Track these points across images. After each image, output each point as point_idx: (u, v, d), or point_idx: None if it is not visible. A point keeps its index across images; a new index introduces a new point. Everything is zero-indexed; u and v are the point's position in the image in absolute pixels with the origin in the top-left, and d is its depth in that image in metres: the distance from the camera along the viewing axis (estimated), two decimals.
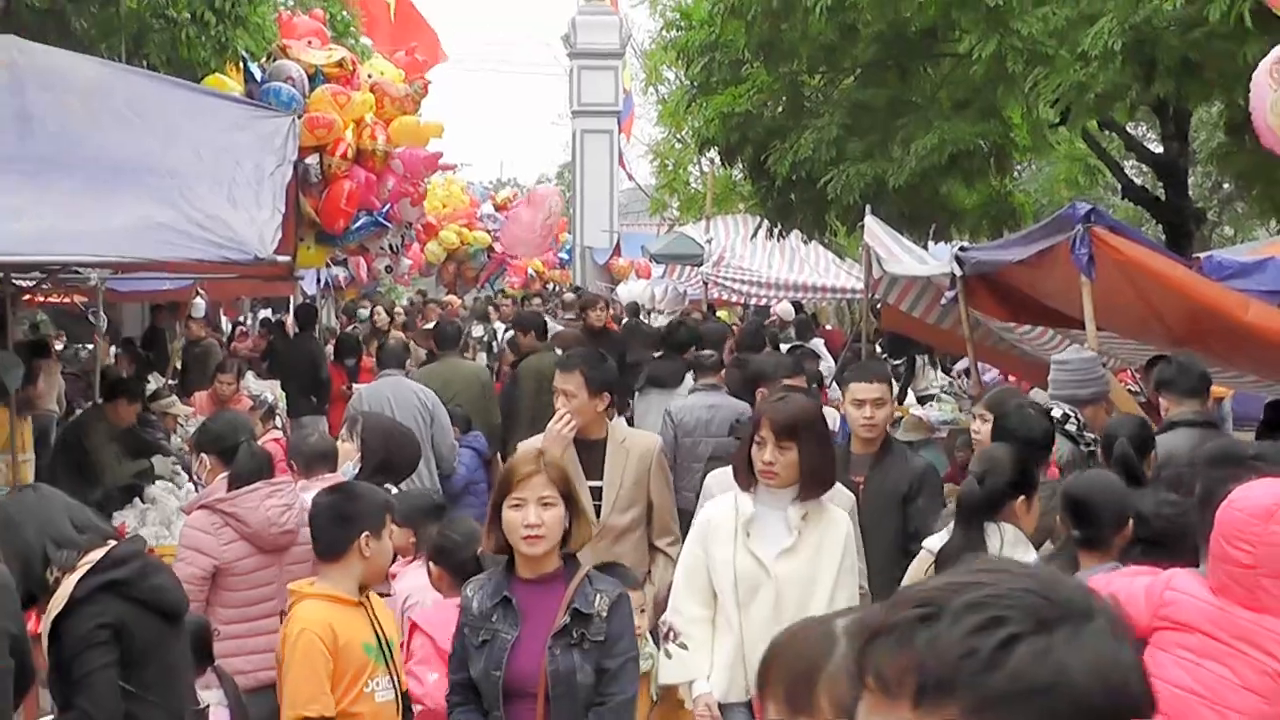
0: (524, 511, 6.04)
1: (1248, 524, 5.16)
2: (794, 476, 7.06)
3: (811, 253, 26.73)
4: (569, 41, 54.69)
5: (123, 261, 10.57)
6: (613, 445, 8.64)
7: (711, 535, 7.22)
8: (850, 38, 18.87)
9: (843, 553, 7.14)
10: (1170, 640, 5.38)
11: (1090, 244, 9.64)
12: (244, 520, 8.47)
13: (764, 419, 7.14)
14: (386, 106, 17.11)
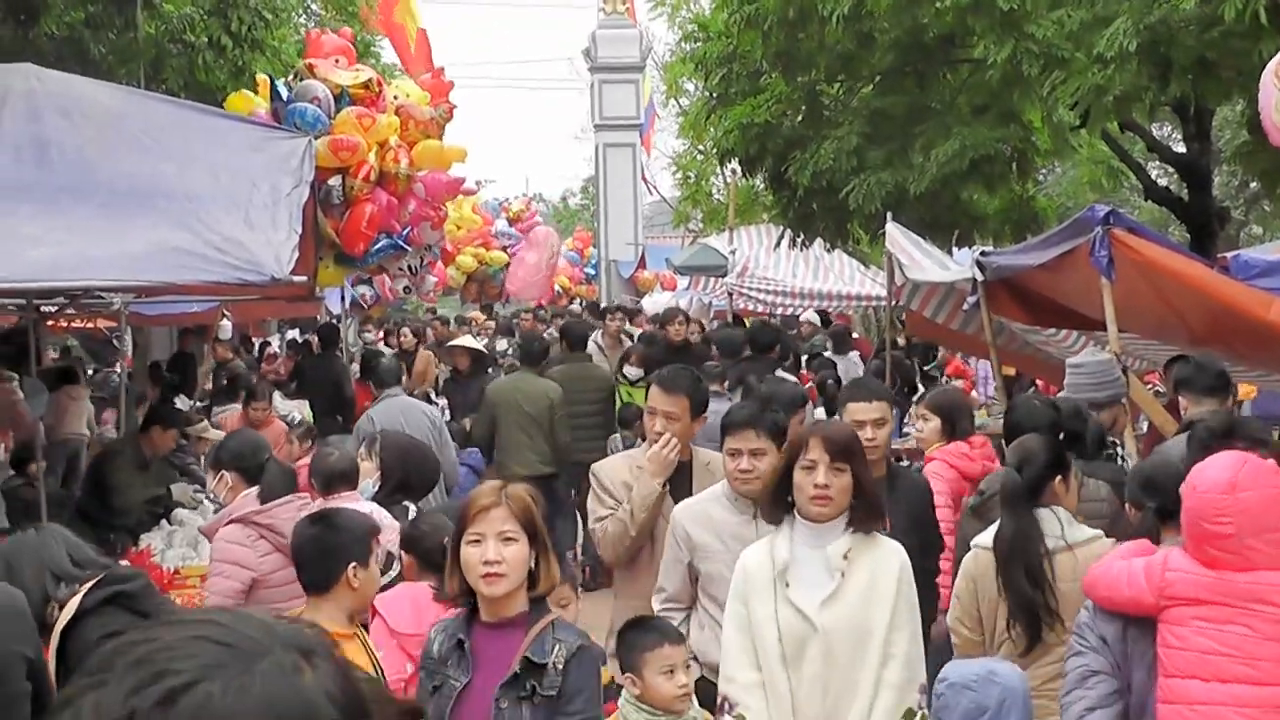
0: (482, 548, 5.62)
1: (1218, 501, 5.61)
2: (845, 504, 6.35)
3: (835, 261, 26.67)
4: (590, 56, 54.67)
5: (141, 286, 10.61)
6: (698, 468, 8.26)
7: (749, 588, 6.46)
8: (867, 46, 18.87)
9: (898, 589, 6.32)
10: (1184, 614, 5.65)
11: (1110, 246, 9.60)
12: (280, 532, 8.47)
13: (815, 439, 6.41)
14: (411, 130, 17.10)
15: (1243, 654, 5.56)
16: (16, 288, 10.18)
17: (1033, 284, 12.02)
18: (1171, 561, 5.73)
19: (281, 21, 18.55)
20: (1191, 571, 5.67)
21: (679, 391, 8.18)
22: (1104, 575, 5.93)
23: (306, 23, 25.90)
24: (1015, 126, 17.75)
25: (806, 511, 6.39)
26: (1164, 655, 5.69)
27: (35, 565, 6.17)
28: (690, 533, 7.44)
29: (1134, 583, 5.77)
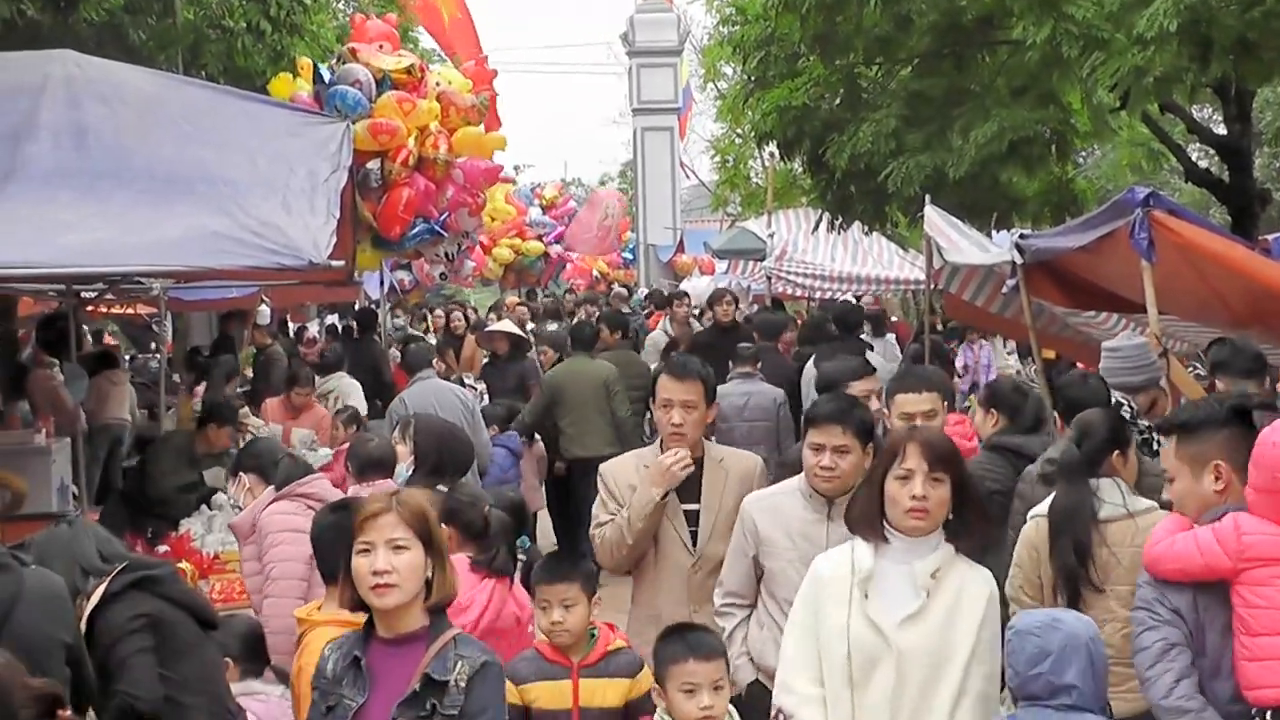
0: (372, 557, 5.26)
1: None
2: (941, 517, 5.94)
3: (874, 244, 26.57)
4: (628, 40, 54.77)
5: (179, 270, 10.62)
6: (710, 465, 7.80)
7: (823, 595, 6.04)
8: (905, 28, 18.78)
9: (982, 620, 5.92)
10: (1264, 574, 5.84)
11: (1150, 228, 9.55)
12: (325, 499, 8.52)
13: (912, 445, 5.91)
14: (452, 116, 17.12)
15: None
16: (56, 273, 10.25)
17: (1072, 267, 11.97)
18: (1244, 525, 5.88)
19: (320, 6, 18.57)
20: (1267, 532, 5.85)
21: (692, 376, 7.77)
22: (1168, 551, 6.06)
23: (345, 8, 25.91)
24: (1054, 108, 17.65)
25: (900, 524, 5.94)
26: (1247, 615, 5.85)
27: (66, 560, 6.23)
28: (758, 524, 7.11)
29: (1208, 550, 5.91)
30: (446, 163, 16.29)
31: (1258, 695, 5.80)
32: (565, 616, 6.83)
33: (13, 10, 14.03)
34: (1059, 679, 5.58)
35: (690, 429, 7.68)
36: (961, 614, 5.95)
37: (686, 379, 7.71)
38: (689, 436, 7.68)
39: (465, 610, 7.42)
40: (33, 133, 9.74)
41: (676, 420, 7.63)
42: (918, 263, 22.06)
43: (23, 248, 8.95)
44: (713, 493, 7.72)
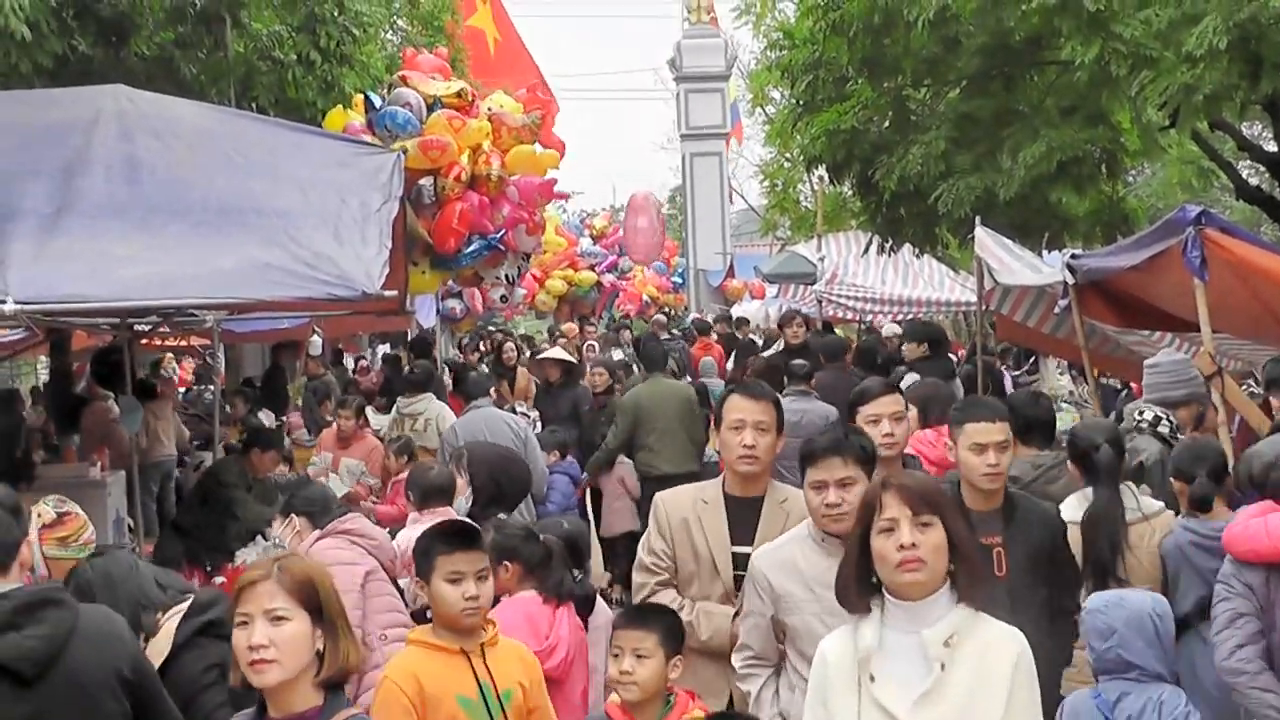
0: (249, 630, 4.74)
1: None
2: (942, 569, 5.03)
3: (925, 266, 26.53)
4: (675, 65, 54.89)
5: (233, 303, 10.66)
6: (770, 505, 7.24)
7: (830, 682, 5.24)
8: (953, 50, 18.77)
9: (1012, 688, 5.05)
10: None
11: (1202, 246, 9.53)
12: (369, 535, 8.61)
13: (889, 494, 5.10)
14: (504, 136, 17.18)
15: None
16: (110, 307, 10.28)
17: (1124, 286, 11.95)
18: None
19: (369, 37, 18.66)
20: None
21: (766, 398, 7.36)
22: (1242, 533, 6.96)
23: (393, 38, 26.05)
24: (1104, 128, 17.61)
25: (896, 585, 5.04)
26: None
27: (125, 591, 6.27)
28: (772, 581, 6.54)
29: (1274, 534, 6.77)
30: (500, 179, 16.33)
31: None
32: (635, 668, 6.29)
33: (65, 46, 14.16)
34: (1128, 654, 6.44)
35: (764, 452, 7.22)
36: (987, 684, 5.03)
37: (761, 399, 7.32)
38: (762, 460, 7.22)
39: (554, 651, 7.44)
40: (86, 167, 9.79)
41: (749, 441, 7.16)
42: (969, 284, 22.02)
43: (77, 281, 9.00)
44: (768, 535, 7.05)
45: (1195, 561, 7.80)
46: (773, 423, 7.26)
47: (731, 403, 7.36)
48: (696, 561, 7.29)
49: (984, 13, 17.47)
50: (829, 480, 6.42)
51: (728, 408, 7.34)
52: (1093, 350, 13.53)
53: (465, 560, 6.19)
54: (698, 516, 7.29)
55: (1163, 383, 9.97)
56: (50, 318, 10.86)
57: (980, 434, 7.27)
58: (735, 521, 7.24)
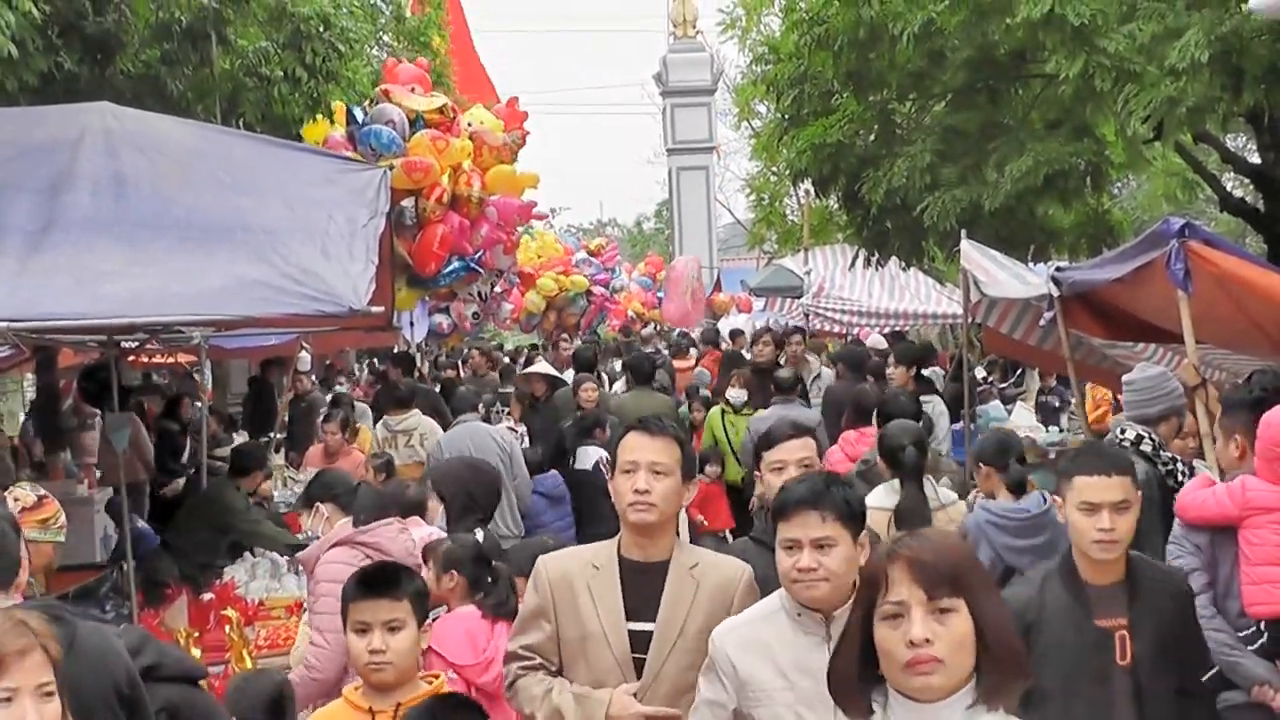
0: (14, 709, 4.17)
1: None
2: (967, 665, 3.86)
3: (911, 279, 26.61)
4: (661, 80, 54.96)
5: (220, 319, 10.64)
6: (677, 572, 5.95)
7: None
8: (939, 64, 18.86)
9: None
10: (1262, 520, 7.61)
11: (1186, 258, 9.56)
12: (386, 550, 8.55)
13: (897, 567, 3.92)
14: (485, 155, 17.22)
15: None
16: (97, 324, 10.28)
17: (1109, 298, 11.97)
18: (1248, 484, 7.67)
19: (356, 53, 18.68)
20: (1265, 489, 7.63)
21: (666, 435, 6.05)
22: (1192, 501, 7.91)
23: (379, 54, 26.08)
24: (1088, 140, 17.69)
25: (901, 684, 3.88)
26: (1249, 551, 7.61)
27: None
28: (736, 664, 5.39)
29: (1220, 502, 7.73)
30: (480, 200, 16.37)
31: (1256, 610, 7.56)
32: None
33: (50, 63, 14.16)
34: None
35: (661, 500, 5.88)
36: None
37: (659, 436, 6.00)
38: (660, 509, 5.89)
39: (491, 665, 7.47)
40: (71, 183, 9.78)
41: (641, 485, 5.87)
42: (955, 296, 22.08)
43: (63, 298, 8.99)
44: (675, 610, 5.89)
45: (989, 535, 9.10)
46: (675, 465, 5.95)
47: (625, 442, 6.09)
48: (584, 641, 5.95)
49: (969, 27, 17.57)
50: (803, 539, 5.30)
51: (621, 448, 6.08)
52: (1079, 362, 13.56)
53: (373, 609, 5.82)
54: (586, 585, 5.96)
55: (1140, 400, 9.99)
56: (36, 335, 10.84)
57: (1096, 491, 6.21)
58: (633, 592, 5.91)
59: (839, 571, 5.28)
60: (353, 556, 8.54)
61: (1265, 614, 7.54)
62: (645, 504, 5.87)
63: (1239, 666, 7.52)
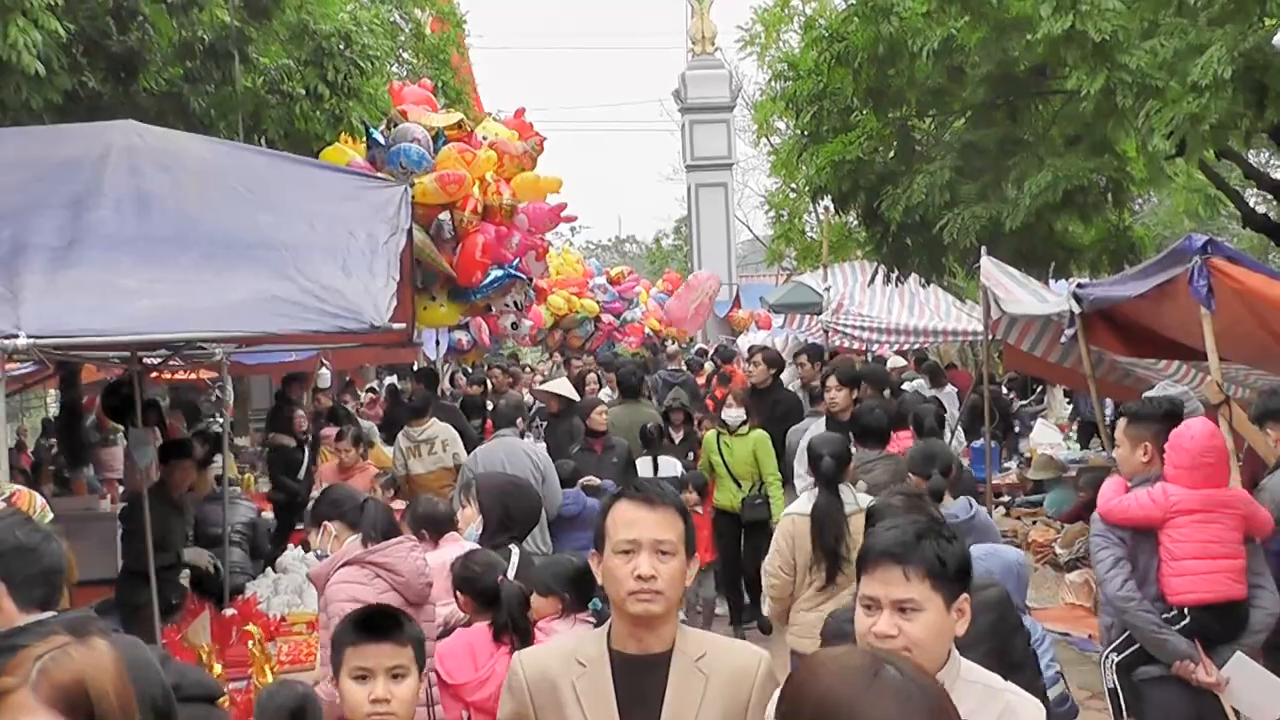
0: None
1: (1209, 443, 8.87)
2: None
3: (931, 296, 26.55)
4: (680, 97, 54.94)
5: (242, 336, 10.68)
6: (681, 666, 4.87)
7: None
8: (958, 80, 18.86)
9: None
10: (1184, 520, 8.74)
11: (1208, 275, 9.56)
12: (396, 570, 8.54)
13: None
14: (506, 164, 17.26)
15: (1221, 540, 8.75)
16: (120, 340, 10.29)
17: (1131, 315, 11.96)
18: (1170, 490, 8.80)
19: (376, 70, 18.72)
20: (1185, 494, 8.76)
21: (669, 504, 4.96)
22: (1116, 505, 9.01)
23: (399, 71, 26.14)
24: (1109, 157, 17.66)
25: None
26: (1173, 548, 8.79)
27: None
28: None
29: (1144, 506, 8.85)
30: (511, 207, 16.42)
31: (1180, 598, 8.77)
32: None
33: (75, 82, 14.21)
34: None
35: (668, 585, 4.83)
36: None
37: (660, 506, 4.91)
38: (667, 597, 4.84)
39: (485, 683, 7.48)
40: (96, 200, 9.79)
41: (644, 570, 4.80)
42: (975, 314, 22.06)
43: (87, 314, 9.00)
44: (680, 712, 4.86)
45: None
46: (680, 541, 4.89)
47: (618, 514, 4.95)
48: None
49: (989, 43, 17.56)
50: (883, 599, 4.49)
51: (613, 522, 4.95)
52: (1100, 378, 13.55)
53: (376, 654, 5.45)
54: (572, 686, 4.93)
55: None
56: (61, 351, 10.86)
57: None
58: (628, 694, 4.86)
59: (923, 641, 4.43)
60: (364, 576, 8.54)
61: (1189, 601, 8.78)
62: (650, 593, 4.79)
63: (1166, 644, 8.77)
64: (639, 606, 4.77)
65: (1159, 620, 8.78)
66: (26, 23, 12.38)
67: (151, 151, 10.50)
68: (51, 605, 5.37)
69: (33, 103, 13.33)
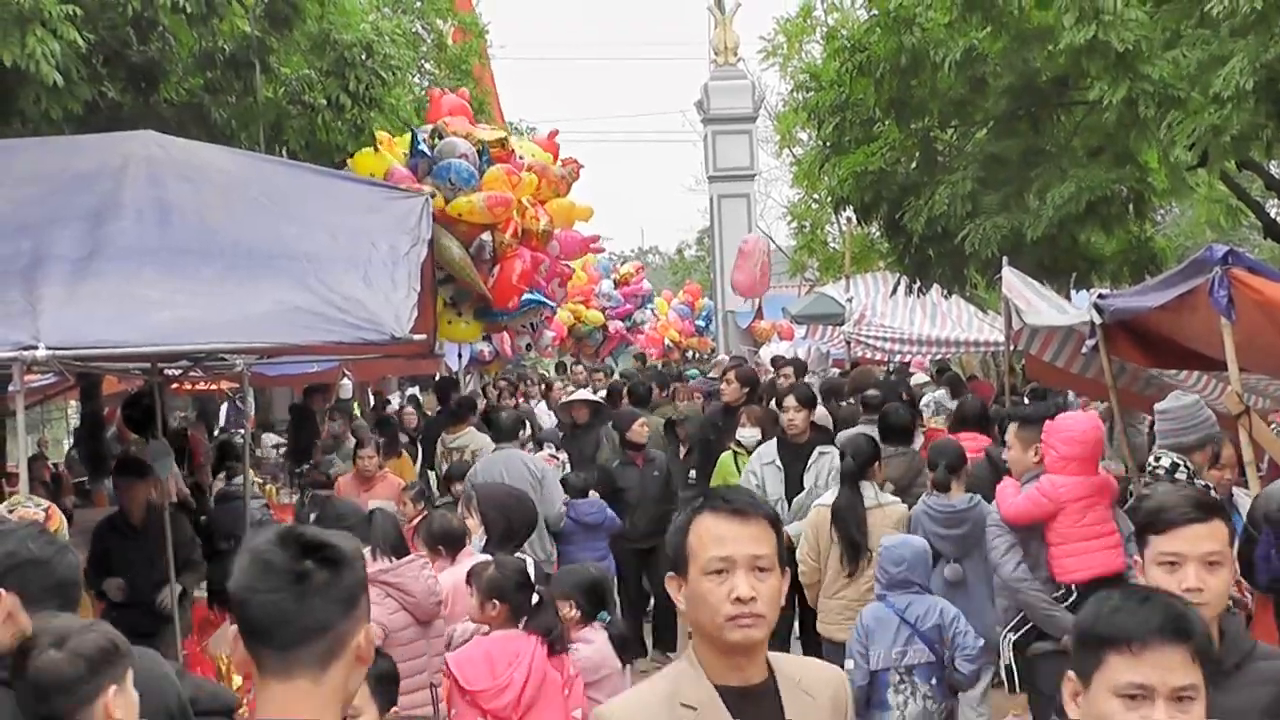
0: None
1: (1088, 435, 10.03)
2: None
3: (953, 307, 26.48)
4: (702, 107, 54.83)
5: (263, 347, 10.67)
6: (787, 688, 4.36)
7: None
8: (980, 91, 18.86)
9: None
10: (1074, 507, 9.82)
11: (1229, 285, 9.52)
12: (408, 590, 8.58)
13: None
14: (543, 188, 17.32)
15: (1101, 521, 9.84)
16: (141, 351, 10.30)
17: (1152, 325, 11.92)
18: (1055, 481, 9.86)
19: (398, 80, 18.76)
20: (1068, 482, 9.84)
21: (761, 514, 4.36)
22: (1013, 505, 10.03)
23: (420, 81, 26.17)
24: (1131, 168, 17.66)
25: None
26: (1062, 531, 9.84)
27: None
28: None
29: (1038, 502, 9.88)
30: (547, 233, 16.47)
31: (1070, 576, 9.79)
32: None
33: (95, 92, 14.25)
34: (913, 575, 9.67)
35: (768, 607, 4.26)
36: None
37: (754, 519, 4.32)
38: (768, 619, 4.27)
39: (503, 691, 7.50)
40: (116, 211, 9.79)
41: (743, 592, 4.21)
42: (997, 324, 22.02)
43: (108, 326, 9.00)
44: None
45: (923, 524, 11.33)
46: (775, 554, 4.33)
47: (704, 527, 4.33)
48: None
49: (1011, 54, 17.57)
50: (1157, 687, 3.71)
51: (698, 537, 4.33)
52: (1122, 389, 13.51)
53: None
54: None
55: (1174, 429, 10.05)
56: (81, 362, 10.87)
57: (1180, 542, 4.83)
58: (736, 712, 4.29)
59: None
60: (375, 595, 8.50)
61: (1077, 579, 9.72)
62: (752, 616, 4.21)
63: (1056, 620, 9.67)
64: (739, 633, 4.21)
65: (1049, 599, 9.82)
66: (45, 33, 12.42)
67: (173, 162, 10.51)
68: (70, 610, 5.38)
69: (52, 113, 13.37)
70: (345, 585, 3.33)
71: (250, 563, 3.33)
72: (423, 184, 15.90)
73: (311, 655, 3.30)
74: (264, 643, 3.32)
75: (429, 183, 15.95)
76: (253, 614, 3.32)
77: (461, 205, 15.84)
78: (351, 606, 3.35)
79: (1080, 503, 9.81)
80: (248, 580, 3.32)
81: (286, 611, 3.28)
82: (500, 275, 15.98)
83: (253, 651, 3.33)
